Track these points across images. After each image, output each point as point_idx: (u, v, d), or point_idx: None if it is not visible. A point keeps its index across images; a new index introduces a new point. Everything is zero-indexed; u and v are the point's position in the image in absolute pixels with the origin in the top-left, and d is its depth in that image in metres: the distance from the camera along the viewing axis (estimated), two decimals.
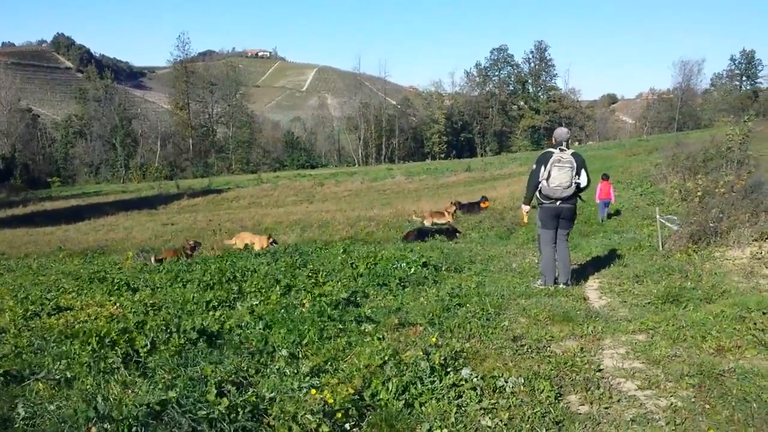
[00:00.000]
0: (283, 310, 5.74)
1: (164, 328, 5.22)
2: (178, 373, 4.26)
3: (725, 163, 14.83)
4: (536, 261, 8.75)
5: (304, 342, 4.81)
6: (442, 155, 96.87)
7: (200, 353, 4.77)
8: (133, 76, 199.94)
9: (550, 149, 7.25)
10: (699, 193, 10.42)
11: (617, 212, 16.65)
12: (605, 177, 16.51)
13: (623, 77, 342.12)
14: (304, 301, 5.88)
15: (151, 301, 7.04)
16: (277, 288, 6.78)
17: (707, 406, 3.73)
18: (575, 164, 7.07)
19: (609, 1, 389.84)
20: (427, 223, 16.60)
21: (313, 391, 3.58)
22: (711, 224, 9.19)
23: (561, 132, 7.40)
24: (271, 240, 12.91)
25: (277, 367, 4.33)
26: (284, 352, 4.51)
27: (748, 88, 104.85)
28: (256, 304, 6.19)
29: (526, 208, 7.70)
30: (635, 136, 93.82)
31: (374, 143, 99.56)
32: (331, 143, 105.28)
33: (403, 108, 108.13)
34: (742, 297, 6.11)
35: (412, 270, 7.82)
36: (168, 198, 39.77)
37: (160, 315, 6.14)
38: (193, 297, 7.04)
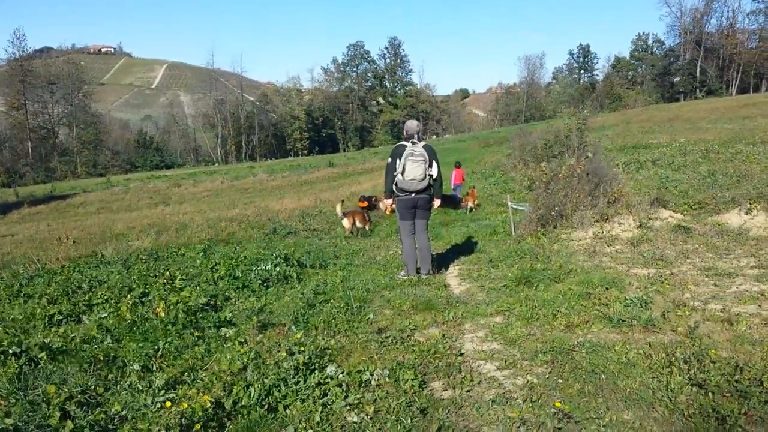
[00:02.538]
0: (135, 322, 5.34)
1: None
2: (17, 398, 3.81)
3: (566, 149, 15.96)
4: (400, 253, 8.88)
5: (159, 353, 4.49)
6: (305, 152, 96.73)
7: (42, 374, 4.30)
8: None
9: (403, 142, 7.33)
10: (545, 179, 11.09)
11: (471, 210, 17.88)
12: (458, 165, 18.73)
13: (474, 72, 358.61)
14: (159, 310, 5.51)
15: None
16: (128, 298, 6.31)
17: (560, 381, 3.92)
18: (427, 157, 7.22)
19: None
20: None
21: (168, 403, 3.33)
22: (557, 208, 9.81)
23: (411, 125, 7.50)
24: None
25: (128, 382, 4.00)
26: (136, 366, 4.18)
27: (586, 80, 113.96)
28: (105, 317, 5.71)
29: (388, 201, 7.72)
30: (487, 128, 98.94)
31: (233, 141, 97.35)
32: (187, 142, 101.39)
33: (261, 104, 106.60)
34: (587, 275, 6.55)
35: (276, 269, 7.62)
36: (6, 207, 35.97)
37: None
38: (35, 312, 6.38)
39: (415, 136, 7.31)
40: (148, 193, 39.10)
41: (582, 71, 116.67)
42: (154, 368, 4.27)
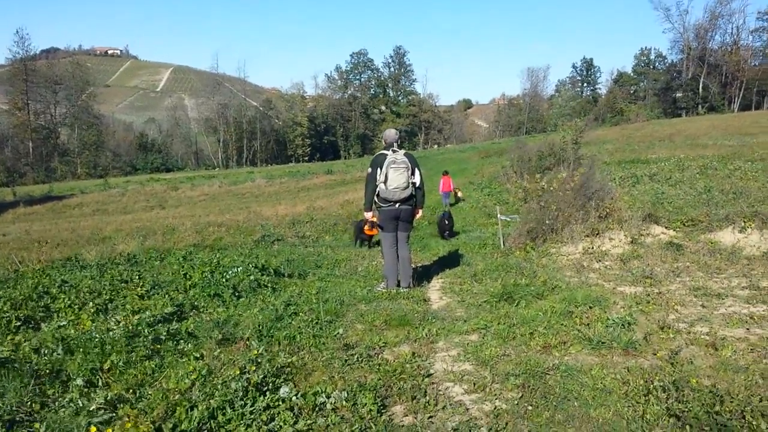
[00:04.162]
0: (92, 331, 5.08)
1: None
2: None
3: (560, 162, 15.75)
4: (382, 262, 8.64)
5: (106, 367, 4.22)
6: (306, 158, 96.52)
7: None
8: None
9: (383, 151, 7.14)
10: (537, 192, 10.86)
11: (457, 201, 19.89)
12: (446, 173, 20.01)
13: (478, 83, 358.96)
14: (120, 319, 5.25)
15: None
16: (90, 305, 6.06)
17: (530, 408, 3.66)
18: (409, 164, 7.01)
19: (461, 10, 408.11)
20: None
21: (93, 429, 3.08)
22: (548, 222, 9.57)
23: (390, 133, 7.37)
24: None
25: (68, 398, 3.75)
26: (79, 381, 3.92)
27: (588, 93, 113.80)
28: (64, 325, 5.46)
29: (368, 214, 7.45)
30: (489, 139, 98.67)
31: (235, 145, 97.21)
32: (189, 146, 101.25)
33: (265, 110, 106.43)
34: (571, 292, 6.30)
35: (251, 278, 7.35)
36: (2, 206, 35.87)
37: None
38: None
39: (395, 144, 7.13)
40: (145, 195, 38.98)
41: (585, 84, 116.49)
42: (100, 384, 4.01)
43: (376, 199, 7.09)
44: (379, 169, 6.95)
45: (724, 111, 78.73)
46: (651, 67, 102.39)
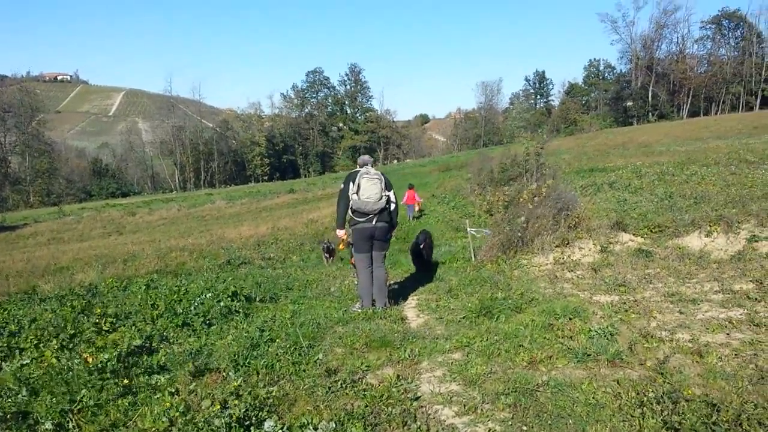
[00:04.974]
0: (56, 370, 4.79)
1: None
2: None
3: (524, 173, 15.85)
4: (356, 282, 8.48)
5: (77, 408, 3.96)
6: (266, 177, 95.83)
7: None
8: None
9: (357, 169, 7.09)
10: (503, 204, 10.86)
11: (422, 213, 20.69)
12: (410, 186, 20.65)
13: (434, 98, 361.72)
14: (86, 355, 4.97)
15: None
16: (54, 342, 5.73)
17: (524, 428, 3.56)
18: (383, 179, 6.94)
19: (413, 26, 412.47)
20: None
21: None
22: (518, 233, 9.56)
23: (364, 158, 7.36)
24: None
25: None
26: (48, 425, 3.67)
27: (542, 105, 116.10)
28: (27, 364, 5.15)
29: (341, 232, 7.31)
30: (447, 153, 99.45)
31: (192, 168, 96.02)
32: (144, 170, 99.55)
33: (221, 131, 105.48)
34: (549, 304, 6.24)
35: (221, 304, 7.10)
36: None
37: None
38: None
39: (368, 164, 7.09)
40: (101, 222, 38.03)
41: (538, 97, 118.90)
42: (71, 426, 3.75)
43: (350, 214, 6.95)
44: (351, 183, 6.85)
45: (674, 118, 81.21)
46: (601, 77, 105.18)
